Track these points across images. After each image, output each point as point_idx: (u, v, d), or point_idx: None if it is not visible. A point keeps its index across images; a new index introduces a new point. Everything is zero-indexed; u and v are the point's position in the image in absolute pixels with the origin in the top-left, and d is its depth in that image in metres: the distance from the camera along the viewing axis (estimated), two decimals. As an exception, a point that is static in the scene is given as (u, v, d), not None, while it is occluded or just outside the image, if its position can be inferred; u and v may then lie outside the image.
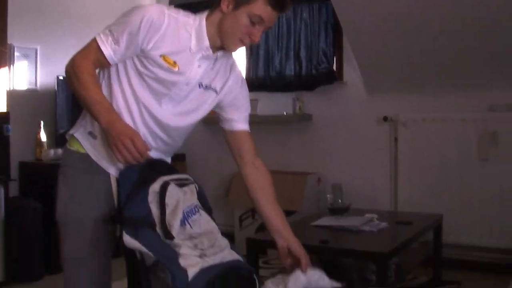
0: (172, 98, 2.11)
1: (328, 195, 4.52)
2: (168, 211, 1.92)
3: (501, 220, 4.61)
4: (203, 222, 2.04)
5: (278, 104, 5.59)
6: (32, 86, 5.28)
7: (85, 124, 2.12)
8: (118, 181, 2.02)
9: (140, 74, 2.06)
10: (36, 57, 5.25)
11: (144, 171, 2.02)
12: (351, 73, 5.34)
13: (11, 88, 5.09)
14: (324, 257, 4.05)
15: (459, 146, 4.76)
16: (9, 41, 5.02)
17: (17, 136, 4.89)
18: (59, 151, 4.96)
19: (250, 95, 2.44)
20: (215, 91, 2.22)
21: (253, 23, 2.06)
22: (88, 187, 2.08)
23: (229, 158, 2.28)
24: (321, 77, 5.43)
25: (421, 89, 4.97)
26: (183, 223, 1.94)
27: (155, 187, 1.96)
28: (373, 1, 4.55)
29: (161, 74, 2.05)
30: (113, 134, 1.93)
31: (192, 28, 2.09)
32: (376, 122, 5.22)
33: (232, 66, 2.30)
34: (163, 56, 2.03)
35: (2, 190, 4.54)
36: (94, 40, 2.04)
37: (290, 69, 5.59)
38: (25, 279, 4.62)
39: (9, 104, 4.99)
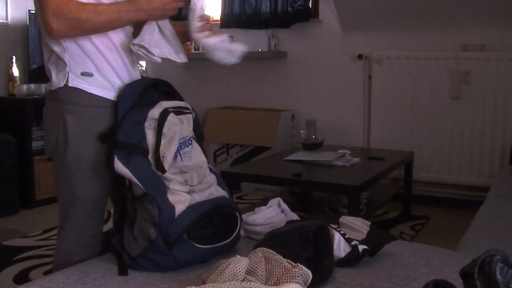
0: None
1: (302, 131, 4.57)
2: (163, 141, 1.90)
3: (470, 158, 4.71)
4: (194, 155, 2.01)
5: (254, 41, 5.56)
6: (3, 20, 5.19)
7: (70, 69, 1.93)
8: (118, 97, 1.97)
9: None
10: (6, -11, 5.17)
11: (147, 92, 1.99)
12: (327, 10, 5.32)
13: (-18, 22, 5.01)
14: (297, 189, 4.14)
15: (432, 85, 4.80)
16: (-21, -28, 4.93)
17: (-12, 71, 4.84)
18: (32, 86, 4.93)
19: (226, 32, 2.42)
20: None
21: None
22: (99, 123, 1.95)
23: (204, 94, 2.27)
24: (296, 15, 5.40)
25: (396, 27, 4.97)
26: (175, 155, 1.92)
27: (154, 112, 1.92)
28: None
29: None
30: (158, 6, 1.91)
31: None
32: (350, 59, 5.23)
33: None
34: None
35: (-25, 125, 4.52)
36: None
37: (265, 6, 5.54)
38: (0, 213, 4.64)
39: (-21, 39, 4.92)
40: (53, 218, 3.39)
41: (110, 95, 1.97)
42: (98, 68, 1.95)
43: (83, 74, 1.94)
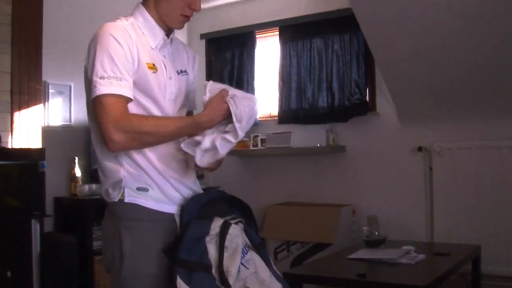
0: (169, 99, 2.05)
1: (364, 228, 4.47)
2: (226, 255, 1.87)
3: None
4: (257, 260, 1.98)
5: (312, 136, 5.56)
6: (67, 122, 5.34)
7: (125, 184, 1.96)
8: (181, 211, 1.96)
9: (138, 99, 1.97)
10: (70, 93, 5.33)
11: (207, 205, 1.98)
12: (384, 103, 5.31)
13: (46, 125, 5.16)
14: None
15: (495, 174, 4.68)
16: (44, 78, 5.10)
17: (52, 171, 4.93)
18: (94, 186, 5.00)
19: (284, 127, 2.41)
20: (187, 73, 2.18)
21: None
22: (156, 239, 1.93)
23: (263, 190, 2.24)
24: (354, 108, 5.40)
25: (455, 118, 4.91)
26: (239, 267, 1.89)
27: (215, 226, 1.90)
28: (404, 31, 4.52)
29: (152, 82, 1.97)
30: (214, 120, 1.92)
31: (139, 25, 2.03)
32: (410, 152, 5.17)
33: (184, 45, 2.29)
34: (147, 64, 1.98)
35: (38, 226, 4.56)
36: (102, 96, 1.86)
37: (322, 101, 5.57)
38: (61, 314, 4.63)
39: (44, 140, 5.04)
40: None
41: (167, 208, 1.97)
42: (153, 182, 1.95)
43: (138, 189, 1.94)
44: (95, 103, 1.86)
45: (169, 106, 2.03)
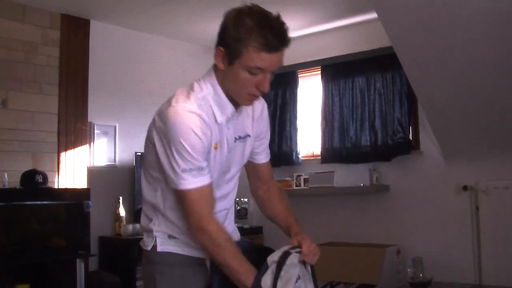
0: (225, 171, 2.07)
1: (408, 269, 4.40)
2: (280, 284, 1.87)
3: None
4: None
5: (355, 175, 5.53)
6: (111, 162, 5.43)
7: (159, 231, 2.02)
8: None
9: None
10: (115, 134, 5.42)
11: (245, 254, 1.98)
12: (428, 141, 5.26)
13: (92, 165, 5.24)
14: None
15: (545, 214, 4.58)
16: (90, 119, 5.22)
17: (97, 211, 5.00)
18: (137, 226, 5.04)
19: (327, 167, 2.41)
20: (249, 135, 2.12)
21: (255, 74, 1.88)
22: (189, 282, 2.01)
23: (306, 230, 2.22)
24: (397, 147, 5.36)
25: (500, 156, 4.83)
26: None
27: (273, 258, 1.92)
28: (446, 71, 4.49)
29: (212, 159, 1.98)
30: None
31: (209, 100, 1.95)
32: (455, 191, 5.09)
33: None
34: (215, 144, 1.97)
35: (82, 265, 4.61)
36: (186, 191, 1.90)
37: (365, 140, 5.54)
38: None
39: (89, 180, 5.13)
40: None
41: (199, 253, 2.00)
42: (183, 232, 2.00)
43: (170, 237, 2.01)
44: (180, 195, 1.91)
45: (216, 176, 2.03)
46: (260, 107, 2.16)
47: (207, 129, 1.89)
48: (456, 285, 4.11)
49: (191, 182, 1.87)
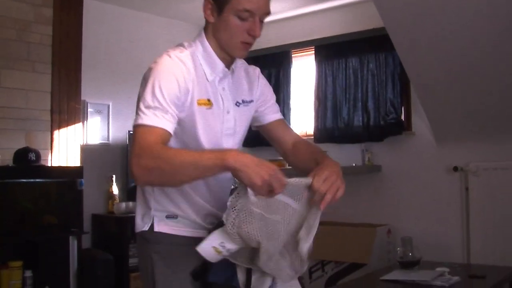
0: (227, 134, 2.01)
1: (398, 248, 4.44)
2: (254, 277, 1.87)
3: None
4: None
5: (347, 155, 5.56)
6: (105, 141, 5.44)
7: (155, 213, 1.98)
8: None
9: (181, 136, 1.93)
10: (108, 112, 5.43)
11: None
12: (420, 123, 5.29)
13: (85, 143, 5.25)
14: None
15: (533, 195, 4.62)
16: (83, 97, 5.22)
17: (90, 189, 5.02)
18: (130, 204, 5.07)
19: (319, 146, 2.36)
20: (251, 100, 2.12)
21: (245, 19, 1.88)
22: (186, 262, 1.92)
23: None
24: (389, 128, 5.39)
25: (491, 138, 4.86)
26: None
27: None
28: (439, 52, 4.50)
29: (203, 120, 1.92)
30: (250, 165, 1.67)
31: (199, 56, 1.96)
32: (446, 172, 5.12)
33: (246, 67, 2.19)
34: (197, 101, 1.90)
35: (75, 243, 4.64)
36: (141, 126, 1.79)
37: (358, 120, 5.57)
38: (96, 330, 4.69)
39: (82, 159, 5.14)
40: None
41: (196, 233, 1.96)
42: (183, 211, 1.97)
43: (168, 217, 1.97)
44: (133, 131, 1.81)
45: (226, 141, 2.00)
46: (256, 72, 2.20)
47: (187, 74, 1.88)
48: (444, 264, 4.13)
49: (149, 118, 1.77)
